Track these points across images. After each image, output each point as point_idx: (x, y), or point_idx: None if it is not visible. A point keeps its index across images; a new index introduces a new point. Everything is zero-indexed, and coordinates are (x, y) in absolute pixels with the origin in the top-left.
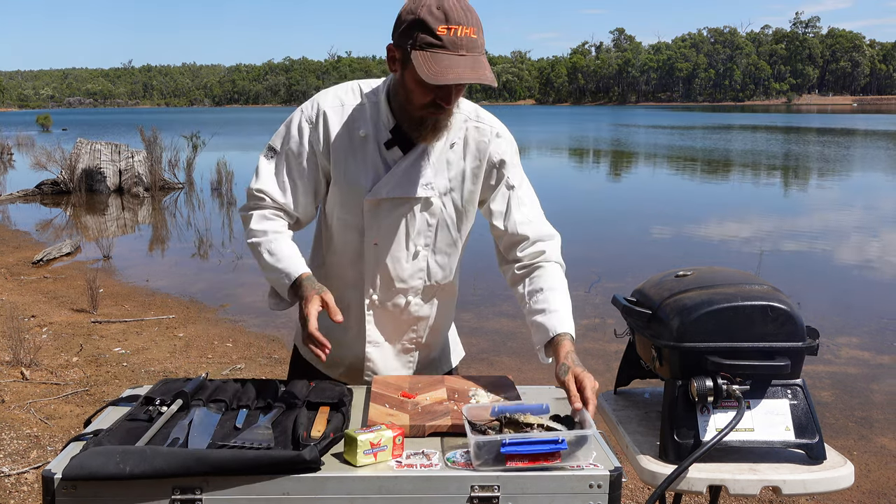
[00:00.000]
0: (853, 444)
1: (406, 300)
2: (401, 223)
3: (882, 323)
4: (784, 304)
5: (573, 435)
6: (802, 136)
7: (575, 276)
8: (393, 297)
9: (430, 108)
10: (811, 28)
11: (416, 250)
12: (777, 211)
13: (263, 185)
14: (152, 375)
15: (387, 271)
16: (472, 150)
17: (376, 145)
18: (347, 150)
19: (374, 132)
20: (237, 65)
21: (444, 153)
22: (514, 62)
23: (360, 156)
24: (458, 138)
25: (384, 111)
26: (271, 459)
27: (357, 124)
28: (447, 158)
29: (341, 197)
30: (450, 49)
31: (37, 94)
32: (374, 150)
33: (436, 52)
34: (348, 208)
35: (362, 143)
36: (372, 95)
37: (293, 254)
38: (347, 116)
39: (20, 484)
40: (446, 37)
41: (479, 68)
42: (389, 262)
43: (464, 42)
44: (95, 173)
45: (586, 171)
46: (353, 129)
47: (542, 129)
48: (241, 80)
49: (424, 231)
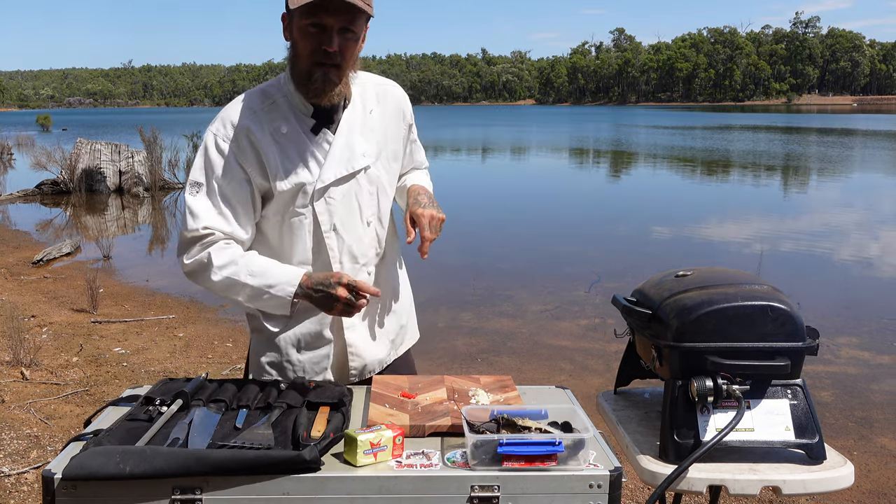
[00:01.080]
0: (853, 444)
1: (367, 272)
2: (352, 200)
3: (882, 323)
4: (784, 304)
5: (571, 438)
6: (802, 136)
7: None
8: (357, 274)
9: (316, 56)
10: (811, 28)
11: (368, 220)
12: (777, 211)
13: (204, 221)
14: (152, 375)
15: (350, 251)
16: (388, 111)
17: (304, 135)
18: (278, 150)
19: (296, 124)
20: (237, 65)
21: (367, 120)
22: (514, 62)
23: (293, 151)
24: (373, 103)
25: (298, 100)
26: (271, 459)
27: (276, 124)
28: (370, 126)
29: (288, 198)
30: None
31: (37, 94)
32: (304, 140)
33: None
34: (298, 205)
35: (288, 139)
36: (277, 91)
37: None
38: (264, 120)
39: (20, 484)
40: None
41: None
42: (351, 241)
43: None
44: (95, 173)
45: (586, 171)
46: (274, 131)
47: (542, 129)
48: (241, 80)
49: (370, 201)
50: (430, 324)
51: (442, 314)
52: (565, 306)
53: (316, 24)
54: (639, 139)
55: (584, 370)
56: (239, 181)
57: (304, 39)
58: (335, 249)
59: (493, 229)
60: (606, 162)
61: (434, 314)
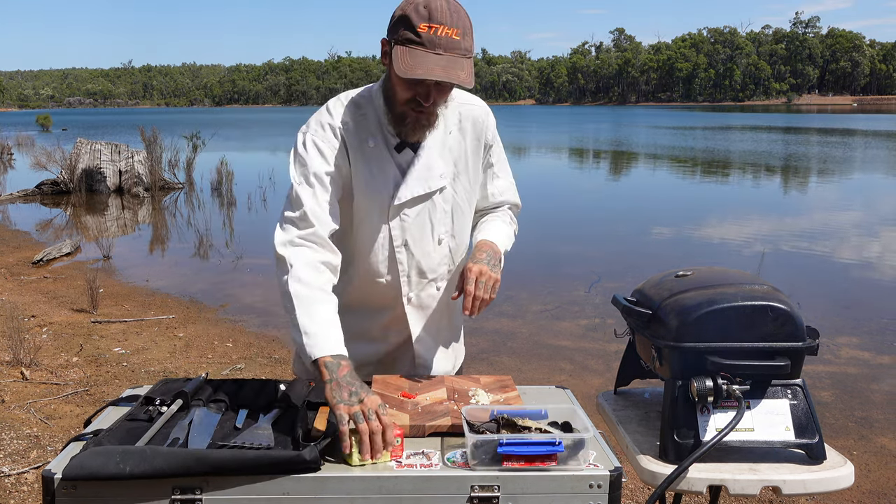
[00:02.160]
0: (853, 444)
1: (436, 287)
2: (425, 218)
3: (882, 323)
4: (784, 304)
5: (571, 438)
6: (802, 136)
7: (575, 276)
8: (426, 289)
9: (411, 104)
10: (811, 28)
11: (440, 238)
12: (777, 211)
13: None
14: (152, 375)
15: (419, 267)
16: (468, 131)
17: (388, 152)
18: (364, 163)
19: (382, 140)
20: (237, 65)
21: (446, 140)
22: (514, 62)
23: (376, 166)
24: (454, 124)
25: (385, 116)
26: (271, 459)
27: (363, 136)
28: (449, 146)
29: (366, 210)
30: (427, 47)
31: (37, 94)
32: (387, 156)
33: (413, 49)
34: (375, 219)
35: (374, 152)
36: (368, 104)
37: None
38: (353, 131)
39: (20, 484)
40: (426, 34)
41: (452, 68)
42: (421, 257)
43: (442, 42)
44: (95, 173)
45: (587, 171)
46: (361, 142)
47: (542, 129)
48: (241, 80)
49: (444, 219)
50: None
51: None
52: (565, 306)
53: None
54: (639, 139)
55: (584, 370)
56: (331, 176)
57: (401, 85)
58: (404, 264)
59: None
60: (606, 162)
61: None
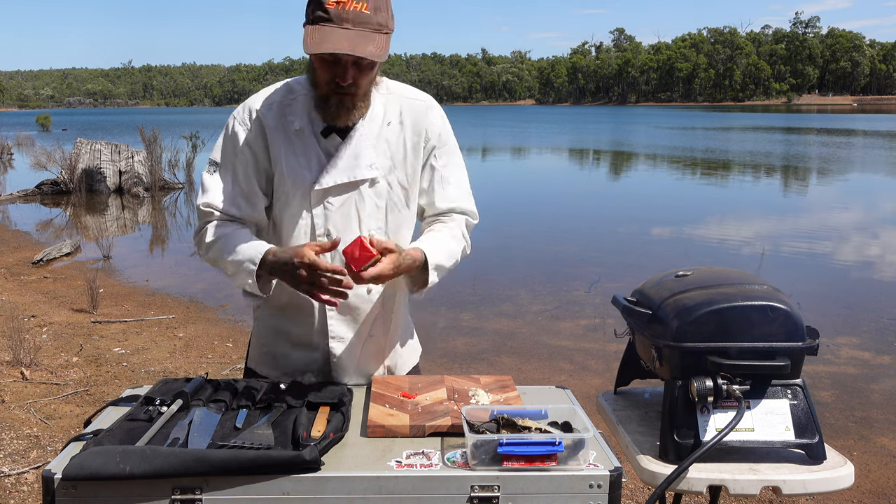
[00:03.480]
0: (853, 444)
1: (367, 288)
2: (351, 209)
3: (882, 323)
4: (784, 304)
5: (571, 438)
6: (802, 136)
7: (575, 276)
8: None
9: (331, 85)
10: (811, 28)
11: (371, 233)
12: (777, 211)
13: (210, 199)
14: (152, 375)
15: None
16: (408, 125)
17: (313, 136)
18: (286, 146)
19: (308, 124)
20: (237, 65)
21: (383, 132)
22: (514, 62)
23: (300, 149)
24: (394, 116)
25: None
26: (271, 459)
27: (290, 119)
28: (386, 137)
29: (288, 194)
30: (335, 22)
31: (37, 94)
32: (312, 141)
33: (322, 26)
34: (296, 204)
35: (298, 136)
36: (301, 89)
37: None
38: (280, 113)
39: (20, 484)
40: (333, 10)
41: (361, 42)
42: None
43: (350, 16)
44: (95, 173)
45: (587, 170)
46: (287, 125)
47: (542, 128)
48: (241, 80)
49: (375, 214)
50: (430, 324)
51: (442, 314)
52: (565, 306)
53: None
54: (639, 139)
55: (584, 370)
56: (251, 164)
57: (320, 67)
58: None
59: (493, 229)
60: (606, 162)
61: (434, 314)
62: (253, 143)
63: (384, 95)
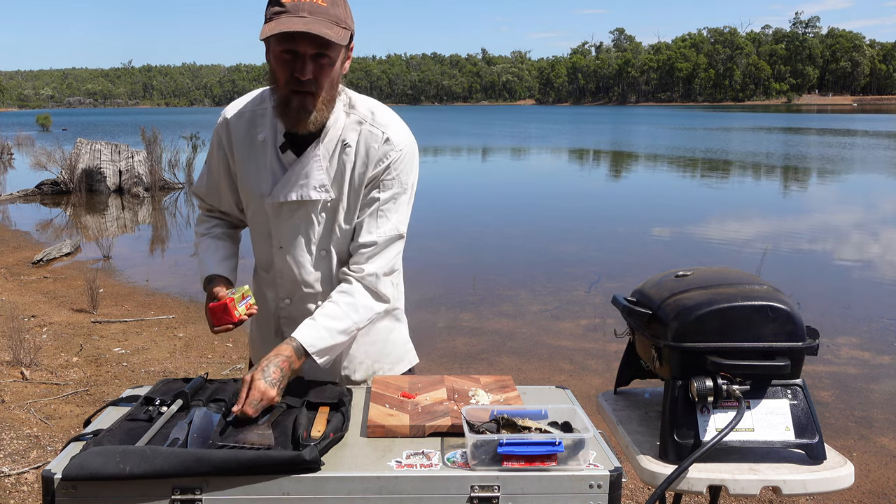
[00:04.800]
0: (853, 444)
1: (315, 304)
2: (301, 226)
3: (882, 323)
4: (784, 304)
5: (571, 438)
6: (802, 136)
7: (575, 275)
8: (304, 302)
9: (291, 83)
10: (811, 28)
11: (320, 254)
12: (777, 211)
13: (197, 187)
14: (152, 375)
15: (293, 275)
16: (361, 153)
17: (274, 149)
18: (248, 155)
19: (271, 136)
20: (237, 65)
21: (339, 154)
22: (514, 62)
23: (261, 160)
24: (352, 140)
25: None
26: (271, 459)
27: (257, 129)
28: (342, 160)
29: (248, 202)
30: (291, 12)
31: (37, 94)
32: (273, 153)
33: (279, 18)
34: (255, 213)
35: (261, 147)
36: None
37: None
38: (249, 123)
39: (20, 484)
40: (290, 3)
41: (316, 24)
42: (294, 267)
43: (307, 6)
44: (95, 173)
45: (587, 170)
46: (253, 135)
47: (542, 128)
48: (241, 80)
49: (324, 234)
50: (430, 324)
51: (442, 314)
52: (565, 306)
53: (289, 51)
54: (639, 139)
55: (584, 370)
56: (223, 168)
57: (279, 66)
58: (278, 267)
59: (493, 229)
60: (606, 162)
61: (434, 314)
62: (226, 149)
63: (347, 114)
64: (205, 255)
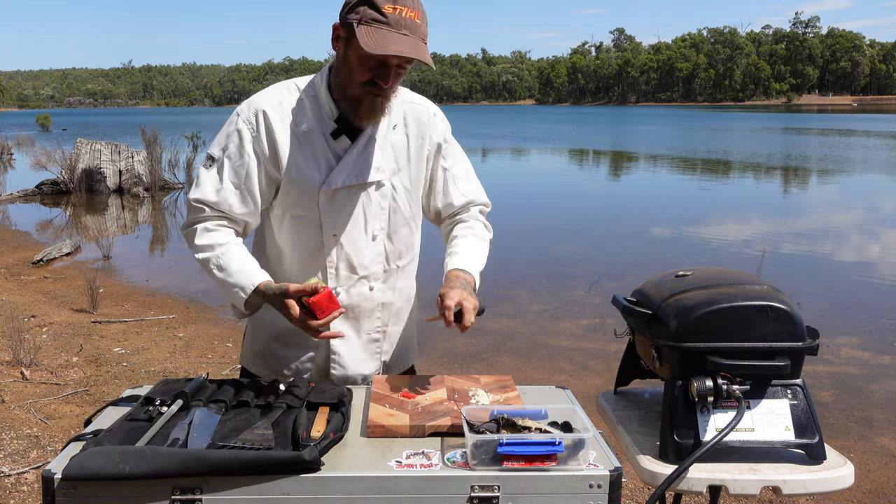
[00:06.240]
0: (853, 444)
1: (370, 286)
2: (358, 210)
3: (882, 323)
4: (784, 304)
5: (571, 438)
6: (802, 136)
7: (575, 276)
8: (357, 287)
9: (369, 86)
10: (811, 28)
11: (374, 234)
12: (777, 211)
13: (203, 194)
14: (152, 375)
15: (349, 260)
16: (413, 129)
17: (322, 137)
18: (293, 147)
19: (317, 125)
20: (237, 65)
21: (389, 136)
22: (514, 62)
23: (308, 150)
24: (398, 120)
25: (326, 102)
26: (271, 460)
27: (298, 120)
28: (391, 141)
29: (295, 195)
30: (393, 27)
31: (37, 94)
32: (321, 142)
33: (379, 28)
34: (303, 205)
35: (306, 137)
36: (309, 90)
37: (243, 265)
38: (287, 114)
39: (20, 484)
40: (391, 15)
41: (419, 49)
42: (351, 251)
43: (407, 23)
44: (95, 173)
45: (587, 170)
46: (295, 126)
47: (543, 128)
48: (241, 80)
49: (379, 214)
50: (430, 324)
51: None
52: (565, 306)
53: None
54: (639, 139)
55: (584, 370)
56: (250, 164)
57: (361, 67)
58: (333, 256)
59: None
60: (606, 162)
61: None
62: (257, 144)
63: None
64: (242, 264)
